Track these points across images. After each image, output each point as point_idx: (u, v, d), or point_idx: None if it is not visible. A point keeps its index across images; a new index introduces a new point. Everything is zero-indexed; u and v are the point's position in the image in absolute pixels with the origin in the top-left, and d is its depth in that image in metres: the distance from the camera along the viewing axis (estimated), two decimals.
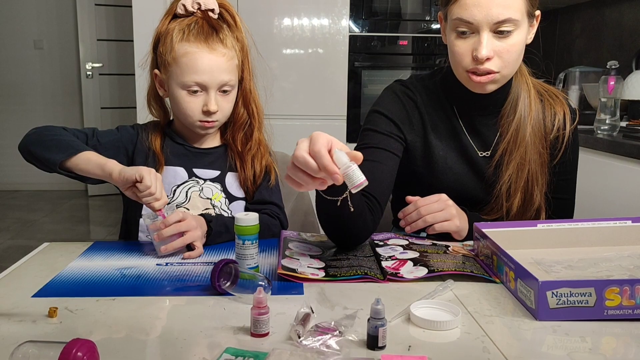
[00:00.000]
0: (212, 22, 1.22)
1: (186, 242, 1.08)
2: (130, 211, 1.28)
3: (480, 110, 1.22)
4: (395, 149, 1.22)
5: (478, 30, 1.09)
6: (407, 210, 1.14)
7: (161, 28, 1.23)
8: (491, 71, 1.11)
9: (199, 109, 1.21)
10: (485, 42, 1.08)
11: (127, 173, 1.06)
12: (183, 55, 1.18)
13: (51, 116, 5.29)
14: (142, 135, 1.30)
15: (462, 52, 1.12)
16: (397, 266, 0.99)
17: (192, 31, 1.19)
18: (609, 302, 0.78)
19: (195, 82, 1.19)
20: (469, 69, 1.13)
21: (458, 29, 1.11)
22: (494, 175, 1.21)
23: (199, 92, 1.20)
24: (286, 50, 2.95)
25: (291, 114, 2.95)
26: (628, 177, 1.78)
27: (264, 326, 0.74)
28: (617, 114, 2.04)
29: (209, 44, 1.18)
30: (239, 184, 1.30)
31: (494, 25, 1.07)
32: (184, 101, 1.21)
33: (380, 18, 2.98)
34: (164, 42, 1.21)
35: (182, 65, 1.18)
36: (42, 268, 1.01)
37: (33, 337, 0.69)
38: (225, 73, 1.20)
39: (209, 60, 1.18)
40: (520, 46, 1.12)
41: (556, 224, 1.09)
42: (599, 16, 2.76)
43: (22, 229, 4.19)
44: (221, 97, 1.22)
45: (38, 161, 1.16)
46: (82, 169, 1.12)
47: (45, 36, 5.23)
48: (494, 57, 1.10)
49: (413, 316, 0.78)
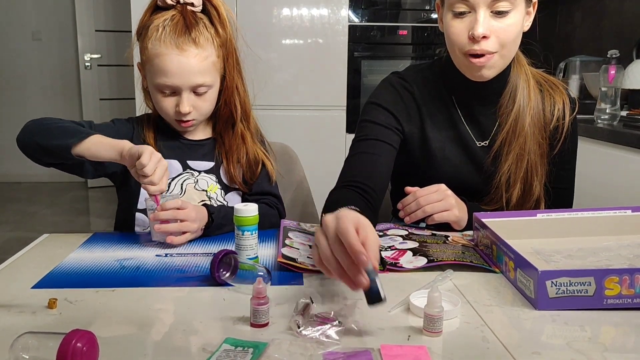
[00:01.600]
0: (189, 18, 1.17)
1: (181, 229, 1.07)
2: (125, 204, 1.27)
3: (479, 99, 1.22)
4: (393, 141, 1.22)
5: (475, 9, 1.08)
6: (406, 200, 1.14)
7: (141, 21, 1.22)
8: (488, 52, 1.10)
9: (173, 109, 1.20)
10: (482, 20, 1.07)
11: (132, 149, 1.05)
12: (154, 56, 1.16)
13: (50, 107, 5.27)
14: (137, 129, 1.29)
15: (458, 32, 1.11)
16: (396, 256, 0.99)
17: (166, 29, 1.16)
18: (609, 291, 0.78)
19: (165, 84, 1.17)
20: (466, 50, 1.11)
21: (455, 9, 1.10)
22: (492, 165, 1.21)
23: (171, 94, 1.19)
24: (285, 41, 2.94)
25: (290, 105, 2.94)
26: (628, 167, 1.77)
27: (264, 316, 0.74)
28: (617, 103, 2.04)
29: (179, 46, 1.15)
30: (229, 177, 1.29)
31: (491, 3, 1.07)
32: (159, 100, 1.21)
33: (379, 8, 2.97)
34: (143, 38, 1.19)
35: (154, 67, 1.17)
36: (41, 259, 1.01)
37: (33, 328, 0.69)
38: (197, 75, 1.17)
39: (178, 63, 1.15)
40: (518, 28, 1.11)
41: (556, 213, 1.08)
42: (600, 5, 2.75)
43: (22, 221, 4.19)
44: (196, 97, 1.20)
45: (45, 151, 1.13)
46: (93, 153, 1.09)
47: (43, 27, 5.20)
48: (490, 37, 1.09)
49: (412, 306, 0.78)
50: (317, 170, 1.89)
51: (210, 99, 1.23)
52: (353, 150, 1.20)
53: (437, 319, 0.71)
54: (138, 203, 1.25)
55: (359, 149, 1.19)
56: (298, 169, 1.59)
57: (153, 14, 1.21)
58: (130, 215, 1.25)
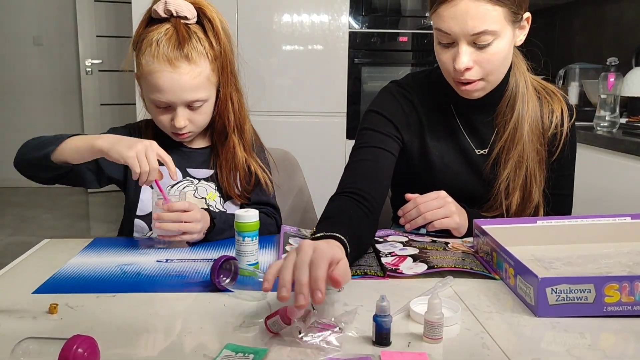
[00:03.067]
0: (182, 32, 1.16)
1: (181, 229, 1.08)
2: (126, 210, 1.28)
3: (476, 108, 1.22)
4: (393, 149, 1.22)
5: (457, 42, 1.08)
6: (406, 207, 1.14)
7: (136, 32, 1.21)
8: (474, 80, 1.11)
9: (169, 123, 1.21)
10: (463, 54, 1.07)
11: (113, 156, 1.05)
12: (148, 73, 1.16)
13: (51, 113, 5.29)
14: (135, 135, 1.29)
15: (445, 61, 1.12)
16: (396, 262, 0.99)
17: (160, 45, 1.15)
18: (608, 298, 0.79)
19: (159, 100, 1.17)
20: (454, 78, 1.13)
21: (439, 40, 1.11)
22: (491, 173, 1.22)
23: (167, 108, 1.19)
24: (286, 47, 2.95)
25: (291, 111, 2.95)
26: (628, 174, 1.78)
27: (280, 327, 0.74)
28: (616, 110, 2.04)
29: (171, 62, 1.14)
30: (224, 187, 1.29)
31: (471, 37, 1.06)
32: (155, 114, 1.22)
33: (380, 14, 2.98)
34: (137, 52, 1.19)
35: (148, 83, 1.17)
36: (42, 264, 1.01)
37: (33, 334, 0.69)
38: (190, 91, 1.17)
39: (171, 80, 1.15)
40: (503, 53, 1.10)
41: (555, 220, 1.09)
42: (599, 13, 2.76)
43: (22, 226, 4.19)
44: (191, 111, 1.20)
45: (33, 166, 1.15)
46: (71, 155, 1.09)
47: (44, 33, 5.22)
48: (474, 67, 1.09)
49: (413, 312, 0.79)
50: (318, 176, 1.89)
51: (206, 111, 1.23)
52: (353, 157, 1.21)
53: (437, 325, 0.72)
54: (137, 209, 1.25)
55: (358, 156, 1.20)
56: (298, 175, 1.59)
57: (148, 25, 1.20)
58: (130, 221, 1.25)
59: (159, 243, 1.12)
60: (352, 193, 1.10)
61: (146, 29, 1.19)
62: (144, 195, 1.25)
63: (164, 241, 1.11)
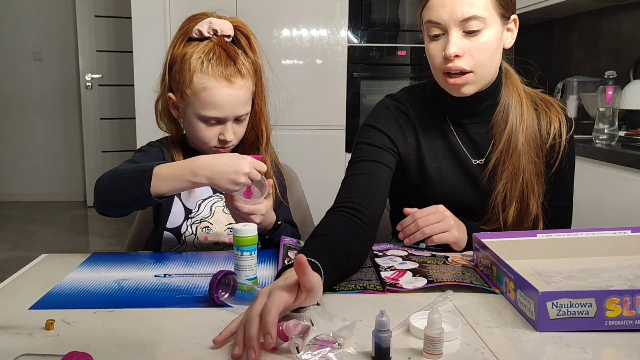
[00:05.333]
0: (230, 51, 1.21)
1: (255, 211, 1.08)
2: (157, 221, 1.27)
3: (471, 117, 1.23)
4: (389, 162, 1.22)
5: (447, 30, 1.11)
6: (405, 222, 1.14)
7: (176, 51, 1.22)
8: (463, 70, 1.12)
9: (215, 137, 1.22)
10: (453, 40, 1.10)
11: (223, 187, 1.03)
12: (202, 89, 1.17)
13: (51, 127, 5.30)
14: (164, 152, 1.29)
15: (435, 54, 1.14)
16: (396, 276, 0.99)
17: (211, 62, 1.18)
18: (610, 312, 0.78)
19: (214, 116, 1.19)
20: (443, 70, 1.14)
21: (430, 33, 1.14)
22: (488, 184, 1.22)
23: (215, 123, 1.21)
24: (285, 61, 2.96)
25: (290, 124, 2.96)
26: (627, 187, 1.78)
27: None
28: (615, 123, 2.05)
29: (228, 78, 1.18)
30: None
31: (461, 23, 1.09)
32: (200, 129, 1.22)
33: (378, 29, 3.00)
34: (181, 70, 1.19)
35: (202, 99, 1.18)
36: (39, 280, 1.00)
37: (30, 350, 0.69)
38: (243, 105, 1.21)
39: (228, 96, 1.18)
40: (492, 45, 1.12)
41: (556, 234, 1.08)
42: (597, 26, 2.78)
43: (20, 240, 4.18)
44: (236, 124, 1.23)
45: (124, 206, 1.10)
46: (168, 190, 1.04)
47: (45, 47, 5.24)
48: (464, 56, 1.11)
49: (412, 327, 0.78)
50: (316, 189, 1.89)
51: (246, 124, 1.27)
52: (349, 171, 1.21)
53: (437, 340, 0.71)
54: (167, 222, 1.25)
55: (355, 170, 1.20)
56: (297, 188, 1.59)
57: (184, 45, 1.21)
58: (159, 234, 1.25)
59: (159, 265, 1.10)
60: (348, 207, 1.10)
61: (185, 48, 1.21)
62: (175, 208, 1.25)
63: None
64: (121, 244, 4.04)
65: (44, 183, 5.30)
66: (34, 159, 5.27)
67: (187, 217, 1.26)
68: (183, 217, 1.26)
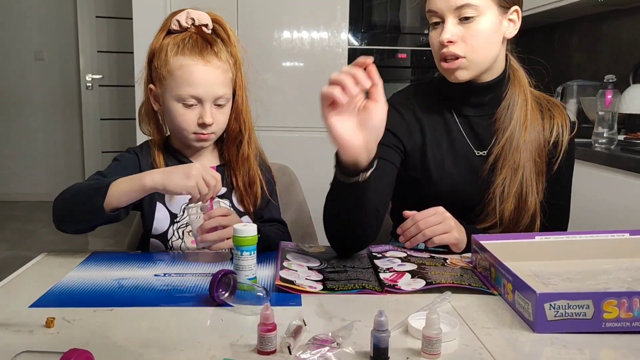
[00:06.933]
0: (206, 36, 1.23)
1: (222, 237, 1.09)
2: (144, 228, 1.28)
3: (475, 108, 1.26)
4: (395, 160, 1.24)
5: (443, 18, 1.16)
6: (405, 225, 1.14)
7: (155, 44, 1.24)
8: (456, 55, 1.17)
9: (194, 122, 1.21)
10: (447, 27, 1.16)
11: (172, 190, 1.07)
12: (178, 68, 1.19)
13: (51, 127, 5.30)
14: (143, 157, 1.29)
15: (434, 41, 1.20)
16: (395, 278, 0.99)
17: (187, 45, 1.20)
18: (607, 314, 0.78)
19: (190, 95, 1.19)
20: (439, 56, 1.20)
21: (430, 21, 1.20)
22: (488, 177, 1.23)
23: (194, 105, 1.20)
24: (286, 63, 2.96)
25: (290, 126, 2.96)
26: (626, 190, 1.78)
27: (270, 343, 0.72)
28: (614, 127, 2.05)
29: (204, 57, 1.19)
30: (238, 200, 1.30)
31: (455, 11, 1.15)
32: (178, 114, 1.21)
33: (379, 31, 3.00)
34: (159, 57, 1.22)
35: (178, 78, 1.19)
36: (39, 278, 1.01)
37: (30, 347, 0.69)
38: (221, 86, 1.21)
39: (204, 73, 1.19)
40: (487, 33, 1.17)
41: (554, 236, 1.09)
42: (597, 30, 2.78)
43: (20, 240, 4.18)
44: (216, 110, 1.23)
45: (80, 222, 1.12)
46: (122, 201, 1.08)
47: (45, 47, 5.25)
48: (458, 42, 1.16)
49: (411, 328, 0.78)
50: (317, 192, 1.88)
51: (227, 113, 1.26)
52: None
53: (435, 341, 0.71)
54: (152, 229, 1.25)
55: None
56: (297, 190, 1.59)
57: (165, 37, 1.23)
58: (146, 240, 1.25)
59: (159, 264, 1.10)
60: None
61: (163, 41, 1.23)
62: (158, 214, 1.25)
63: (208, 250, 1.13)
64: (120, 245, 4.04)
65: (44, 183, 5.29)
66: (34, 159, 5.27)
67: (173, 221, 1.25)
68: (168, 222, 1.25)
